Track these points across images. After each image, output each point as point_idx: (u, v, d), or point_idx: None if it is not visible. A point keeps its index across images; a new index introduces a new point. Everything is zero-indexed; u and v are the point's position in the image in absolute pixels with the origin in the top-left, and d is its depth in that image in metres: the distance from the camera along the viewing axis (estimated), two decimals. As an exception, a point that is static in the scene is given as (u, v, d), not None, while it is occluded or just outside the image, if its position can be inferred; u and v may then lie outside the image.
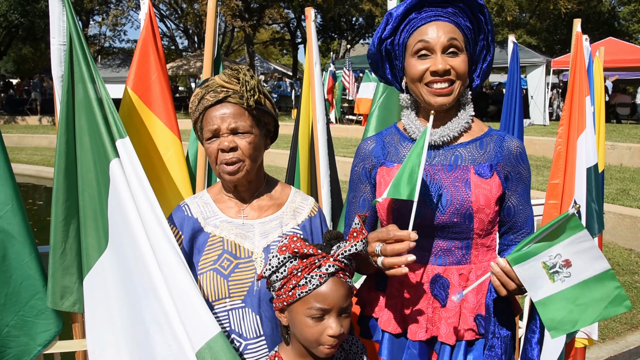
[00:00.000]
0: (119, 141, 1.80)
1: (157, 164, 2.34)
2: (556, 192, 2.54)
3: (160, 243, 1.60)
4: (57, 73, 2.06)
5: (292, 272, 1.44)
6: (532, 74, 18.19)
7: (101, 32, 34.29)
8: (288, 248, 1.45)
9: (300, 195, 1.84)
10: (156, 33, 2.41)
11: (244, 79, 1.63)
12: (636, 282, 5.53)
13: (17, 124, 22.16)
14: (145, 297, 1.64)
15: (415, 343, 1.65)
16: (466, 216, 1.60)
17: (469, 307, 1.64)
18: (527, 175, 1.70)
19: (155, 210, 1.66)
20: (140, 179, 1.73)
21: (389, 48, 1.66)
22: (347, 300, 1.47)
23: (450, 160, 1.66)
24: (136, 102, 2.35)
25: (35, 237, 2.08)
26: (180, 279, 1.55)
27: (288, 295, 1.45)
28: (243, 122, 1.63)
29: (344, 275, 1.48)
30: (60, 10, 2.00)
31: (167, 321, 1.56)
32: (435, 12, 1.58)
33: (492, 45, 1.69)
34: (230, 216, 1.72)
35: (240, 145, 1.62)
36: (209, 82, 1.66)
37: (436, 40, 1.56)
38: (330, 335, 1.43)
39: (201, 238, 1.69)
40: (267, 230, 1.70)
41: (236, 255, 1.66)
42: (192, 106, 1.69)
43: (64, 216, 1.99)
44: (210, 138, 1.63)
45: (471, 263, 1.66)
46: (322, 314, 1.43)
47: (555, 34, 32.40)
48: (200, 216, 1.71)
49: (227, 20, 23.59)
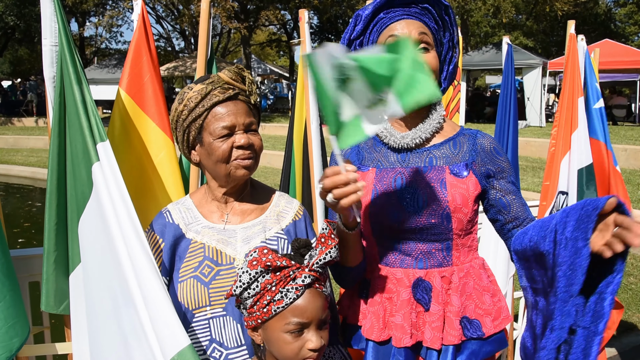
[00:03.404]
0: (100, 144, 1.78)
1: (149, 165, 2.33)
2: (550, 194, 2.54)
3: (135, 250, 1.56)
4: (49, 74, 2.04)
5: (265, 287, 1.35)
6: (528, 76, 18.24)
7: (97, 34, 34.27)
8: (259, 262, 1.35)
9: (284, 198, 1.78)
10: (149, 34, 2.40)
11: (250, 79, 1.62)
12: (631, 284, 5.53)
13: (14, 126, 22.12)
14: (125, 304, 1.59)
15: (401, 350, 1.61)
16: (444, 216, 1.58)
17: (454, 310, 1.61)
18: (508, 167, 1.70)
19: (131, 217, 1.62)
20: (118, 184, 1.69)
21: (358, 48, 1.67)
22: (325, 311, 1.40)
23: (425, 162, 1.65)
24: (129, 103, 2.34)
25: (32, 239, 2.06)
26: (152, 288, 1.50)
27: (263, 312, 1.36)
28: (253, 119, 1.61)
29: (320, 285, 1.41)
30: (52, 11, 1.99)
31: (143, 330, 1.51)
32: (403, 11, 1.61)
33: (457, 46, 1.71)
34: (213, 221, 1.66)
35: (255, 142, 1.59)
36: (212, 78, 1.60)
37: (407, 35, 1.57)
38: (311, 349, 1.36)
39: (183, 244, 1.63)
40: (250, 236, 1.64)
41: (217, 261, 1.59)
42: (190, 103, 1.58)
43: (57, 220, 1.97)
44: (223, 136, 1.56)
45: (453, 265, 1.65)
46: (300, 328, 1.35)
47: (551, 36, 32.52)
48: (182, 222, 1.66)
49: (223, 22, 23.59)
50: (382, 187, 1.64)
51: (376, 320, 1.66)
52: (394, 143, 1.67)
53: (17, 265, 2.08)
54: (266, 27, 34.75)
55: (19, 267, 2.17)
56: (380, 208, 1.63)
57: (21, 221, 9.40)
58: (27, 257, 2.45)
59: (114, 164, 1.73)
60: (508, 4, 23.63)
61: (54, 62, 2.03)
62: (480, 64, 20.33)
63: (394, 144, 1.67)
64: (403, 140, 1.65)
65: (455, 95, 3.46)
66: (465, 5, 22.62)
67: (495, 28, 29.38)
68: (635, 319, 4.72)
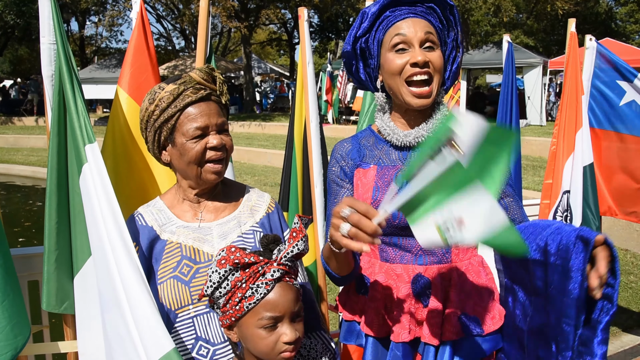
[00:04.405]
0: (88, 146, 1.77)
1: (146, 164, 2.33)
2: (550, 192, 2.53)
3: (119, 253, 1.55)
4: (47, 72, 2.04)
5: (235, 285, 1.36)
6: (529, 75, 18.21)
7: (98, 33, 34.25)
8: (227, 260, 1.35)
9: (255, 192, 1.78)
10: (148, 32, 2.39)
11: (220, 79, 1.61)
12: (631, 282, 5.53)
13: (14, 125, 22.12)
14: (117, 306, 1.57)
15: (399, 345, 1.63)
16: None
17: (453, 306, 1.62)
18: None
19: (117, 220, 1.61)
20: (105, 187, 1.68)
21: (363, 47, 1.68)
22: (298, 304, 1.41)
23: None
24: (128, 102, 2.33)
25: (33, 239, 2.06)
26: (135, 292, 1.50)
27: (235, 309, 1.38)
28: (225, 120, 1.61)
29: (290, 279, 1.42)
30: (49, 9, 1.99)
31: (128, 334, 1.50)
32: (409, 9, 1.62)
33: (461, 46, 1.71)
34: (187, 220, 1.65)
35: (227, 143, 1.60)
36: (184, 78, 1.58)
37: (414, 34, 1.57)
38: (286, 342, 1.36)
39: (158, 246, 1.62)
40: (226, 232, 1.64)
41: (195, 260, 1.59)
42: (161, 103, 1.56)
43: (58, 219, 1.97)
44: (196, 137, 1.56)
45: (452, 262, 1.66)
46: (274, 322, 1.37)
47: (552, 35, 32.47)
48: (155, 224, 1.64)
49: (223, 21, 23.56)
50: (383, 184, 1.65)
51: (375, 316, 1.67)
52: (397, 141, 1.68)
53: (15, 264, 2.07)
54: (266, 26, 34.75)
55: (17, 266, 2.17)
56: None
57: (22, 220, 9.41)
58: (25, 256, 2.45)
59: (102, 166, 1.73)
60: (509, 3, 23.59)
61: (52, 61, 2.03)
62: (481, 63, 20.30)
63: (396, 142, 1.68)
64: (406, 139, 1.66)
65: (455, 93, 3.45)
66: (466, 4, 22.59)
67: (495, 27, 29.36)
68: (636, 318, 4.71)
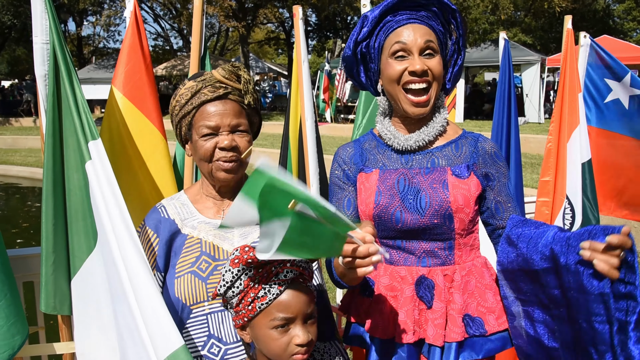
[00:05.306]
0: (92, 143, 1.78)
1: (142, 163, 2.32)
2: (547, 190, 2.53)
3: (127, 249, 1.55)
4: (41, 72, 2.03)
5: (248, 285, 1.35)
6: (526, 72, 18.21)
7: (95, 33, 34.22)
8: (241, 259, 1.34)
9: None
10: (141, 31, 2.39)
11: (246, 78, 1.59)
12: (630, 279, 5.52)
13: (11, 126, 22.09)
14: (125, 300, 1.58)
15: (404, 346, 1.63)
16: (446, 217, 1.61)
17: (456, 307, 1.63)
18: (507, 173, 1.74)
19: (123, 216, 1.61)
20: (110, 182, 1.68)
21: (364, 51, 1.68)
22: (311, 306, 1.39)
23: (427, 163, 1.68)
24: (122, 101, 2.33)
25: (31, 240, 2.05)
26: (144, 288, 1.49)
27: (248, 309, 1.36)
28: (243, 120, 1.59)
29: (304, 280, 1.40)
30: (42, 8, 1.98)
31: (137, 330, 1.50)
32: (410, 15, 1.61)
33: (463, 49, 1.72)
34: (209, 217, 1.65)
35: (240, 145, 1.58)
36: (205, 75, 1.58)
37: (413, 42, 1.58)
38: (298, 344, 1.35)
39: (178, 240, 1.61)
40: (247, 231, 1.63)
41: (215, 257, 1.59)
42: (181, 100, 1.58)
43: (54, 221, 1.96)
44: (207, 135, 1.55)
45: (455, 263, 1.67)
46: (286, 323, 1.35)
47: (550, 32, 32.48)
48: (177, 217, 1.65)
49: (221, 20, 23.55)
50: (385, 189, 1.66)
51: (380, 318, 1.68)
52: (398, 145, 1.69)
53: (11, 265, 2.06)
54: (264, 25, 34.71)
55: (13, 267, 2.16)
56: (383, 209, 1.65)
57: (20, 221, 9.40)
58: (18, 257, 2.44)
59: (106, 161, 1.73)
60: (506, 1, 23.62)
61: (46, 60, 2.02)
62: (479, 61, 20.32)
63: (397, 146, 1.70)
64: (407, 143, 1.68)
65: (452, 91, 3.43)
66: (464, 2, 22.62)
67: (493, 25, 29.33)
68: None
